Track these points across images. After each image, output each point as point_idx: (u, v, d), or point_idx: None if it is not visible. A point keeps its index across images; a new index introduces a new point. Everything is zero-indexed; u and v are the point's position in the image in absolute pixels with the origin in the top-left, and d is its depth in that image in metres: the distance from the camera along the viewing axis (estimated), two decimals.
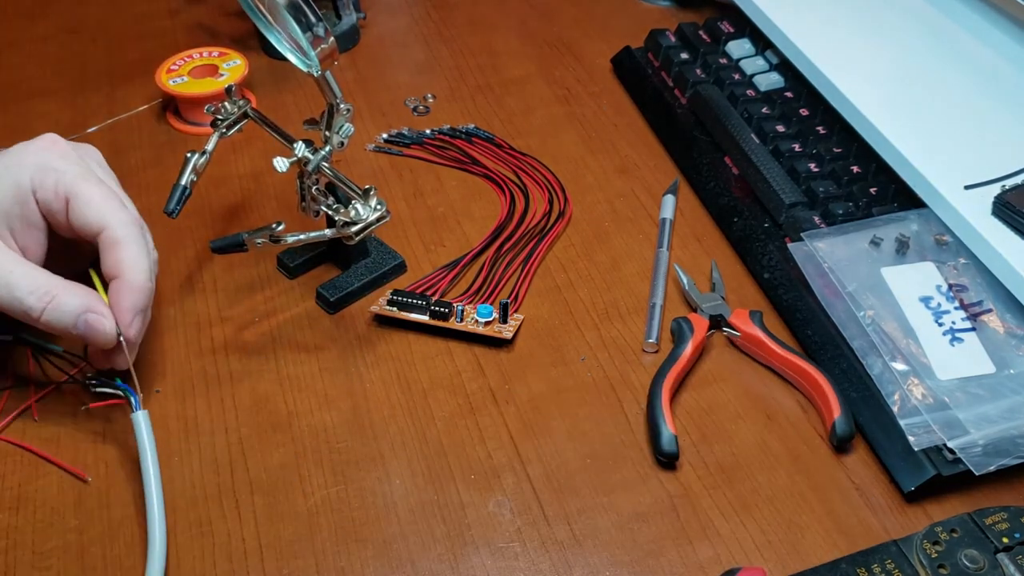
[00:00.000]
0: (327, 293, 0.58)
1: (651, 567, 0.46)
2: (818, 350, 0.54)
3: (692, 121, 0.71)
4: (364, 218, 0.54)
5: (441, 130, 0.73)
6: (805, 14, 0.73)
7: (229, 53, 0.75)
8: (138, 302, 0.50)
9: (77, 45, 0.83)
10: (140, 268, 0.51)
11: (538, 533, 0.47)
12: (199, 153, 0.57)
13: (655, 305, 0.58)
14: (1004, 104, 0.64)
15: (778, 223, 0.62)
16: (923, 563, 0.43)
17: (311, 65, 0.52)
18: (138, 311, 0.51)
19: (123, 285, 0.50)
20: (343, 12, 0.81)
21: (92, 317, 0.49)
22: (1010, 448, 0.47)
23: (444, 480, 0.50)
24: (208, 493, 0.49)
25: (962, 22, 0.71)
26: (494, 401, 0.54)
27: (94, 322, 0.49)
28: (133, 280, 0.50)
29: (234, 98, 0.59)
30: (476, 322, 0.56)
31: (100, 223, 0.50)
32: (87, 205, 0.50)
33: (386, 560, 0.46)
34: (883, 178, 0.62)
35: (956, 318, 0.54)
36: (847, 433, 0.50)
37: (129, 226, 0.51)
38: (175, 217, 0.55)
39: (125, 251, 0.50)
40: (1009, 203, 0.55)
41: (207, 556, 0.47)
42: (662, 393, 0.52)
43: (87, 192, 0.50)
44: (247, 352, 0.56)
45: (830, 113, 0.67)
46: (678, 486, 0.49)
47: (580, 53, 0.81)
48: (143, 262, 0.51)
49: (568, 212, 0.66)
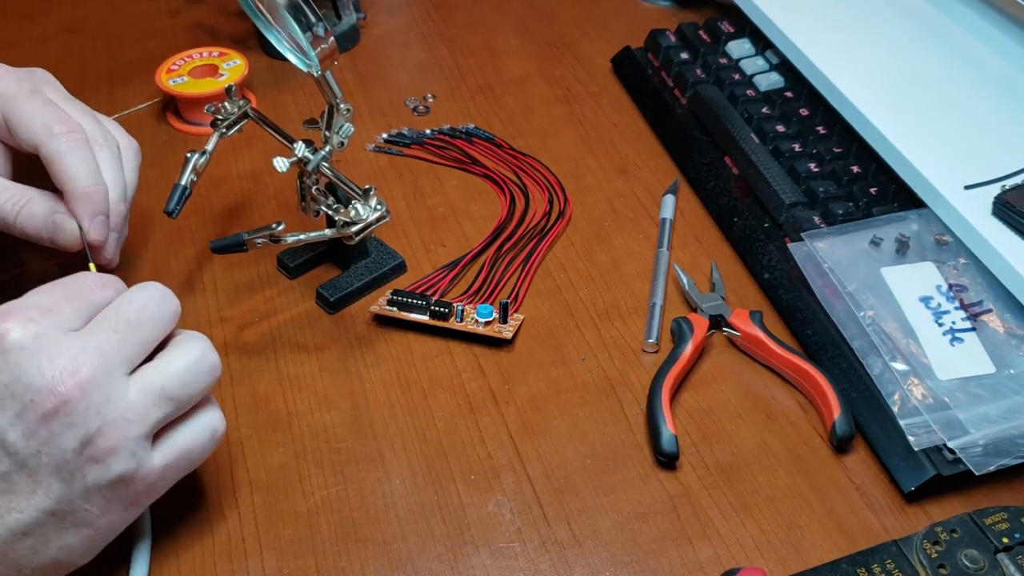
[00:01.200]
0: (327, 293, 0.58)
1: (651, 567, 0.46)
2: (818, 350, 0.54)
3: (692, 121, 0.71)
4: (364, 218, 0.54)
5: (441, 130, 0.73)
6: (805, 14, 0.73)
7: (229, 53, 0.75)
8: (88, 208, 0.51)
9: (77, 45, 0.83)
10: (77, 174, 0.51)
11: (538, 533, 0.47)
12: (199, 153, 0.57)
13: (655, 305, 0.58)
14: (1004, 104, 0.64)
15: (778, 223, 0.62)
16: (923, 563, 0.43)
17: (311, 65, 0.52)
18: (93, 215, 0.51)
19: (69, 196, 0.51)
20: (343, 12, 0.81)
21: (58, 217, 0.51)
22: (1010, 448, 0.47)
23: (444, 480, 0.50)
24: (208, 493, 0.49)
25: (962, 22, 0.71)
26: (494, 401, 0.54)
27: (60, 222, 0.51)
28: (74, 188, 0.51)
29: (234, 98, 0.59)
30: (476, 322, 0.56)
31: (33, 141, 0.51)
32: (19, 125, 0.51)
33: (386, 560, 0.46)
34: (883, 178, 0.62)
35: (956, 318, 0.54)
36: (847, 433, 0.50)
37: (61, 138, 0.51)
38: (175, 217, 0.55)
39: (60, 164, 0.51)
40: (1009, 203, 0.55)
41: (207, 556, 0.47)
42: (662, 393, 0.52)
43: (19, 111, 0.51)
44: (247, 352, 0.56)
45: (830, 113, 0.67)
46: (678, 486, 0.49)
47: (580, 53, 0.81)
48: (80, 167, 0.51)
49: (568, 212, 0.66)
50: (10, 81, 0.53)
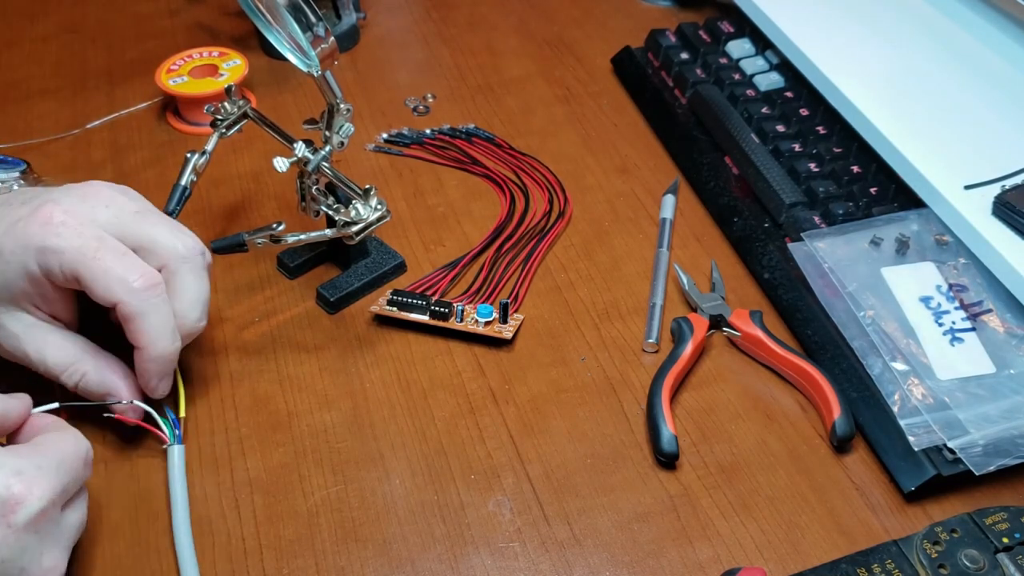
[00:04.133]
0: (327, 293, 0.58)
1: (651, 567, 0.46)
2: (818, 350, 0.54)
3: (692, 121, 0.71)
4: (364, 218, 0.54)
5: (441, 130, 0.73)
6: (805, 14, 0.73)
7: (229, 53, 0.75)
8: (159, 369, 0.49)
9: (77, 45, 0.83)
10: (158, 336, 0.48)
11: (538, 533, 0.47)
12: (199, 153, 0.57)
13: (655, 305, 0.58)
14: (1004, 104, 0.64)
15: (778, 223, 0.62)
16: (923, 563, 0.43)
17: (311, 65, 0.52)
18: (161, 377, 0.50)
19: (142, 355, 0.49)
20: (343, 12, 0.81)
21: (115, 406, 0.50)
22: (1010, 448, 0.47)
23: (444, 480, 0.50)
24: (208, 493, 0.49)
25: (962, 22, 0.71)
26: (494, 401, 0.54)
27: (116, 409, 0.50)
28: (152, 351, 0.48)
29: (234, 98, 0.59)
30: (476, 322, 0.56)
31: (109, 301, 0.47)
32: (93, 283, 0.47)
33: (386, 560, 0.46)
34: (883, 178, 0.62)
35: (956, 318, 0.54)
36: (847, 433, 0.50)
37: (139, 294, 0.47)
38: (176, 217, 0.55)
39: (140, 323, 0.48)
40: (1009, 203, 0.55)
41: (207, 556, 0.47)
42: (662, 393, 0.52)
43: (88, 270, 0.47)
44: (247, 352, 0.56)
45: (830, 113, 0.67)
46: (678, 486, 0.49)
47: (580, 53, 0.81)
48: (161, 329, 0.48)
49: (568, 212, 0.66)
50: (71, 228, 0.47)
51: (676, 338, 0.55)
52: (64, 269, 0.47)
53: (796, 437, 0.52)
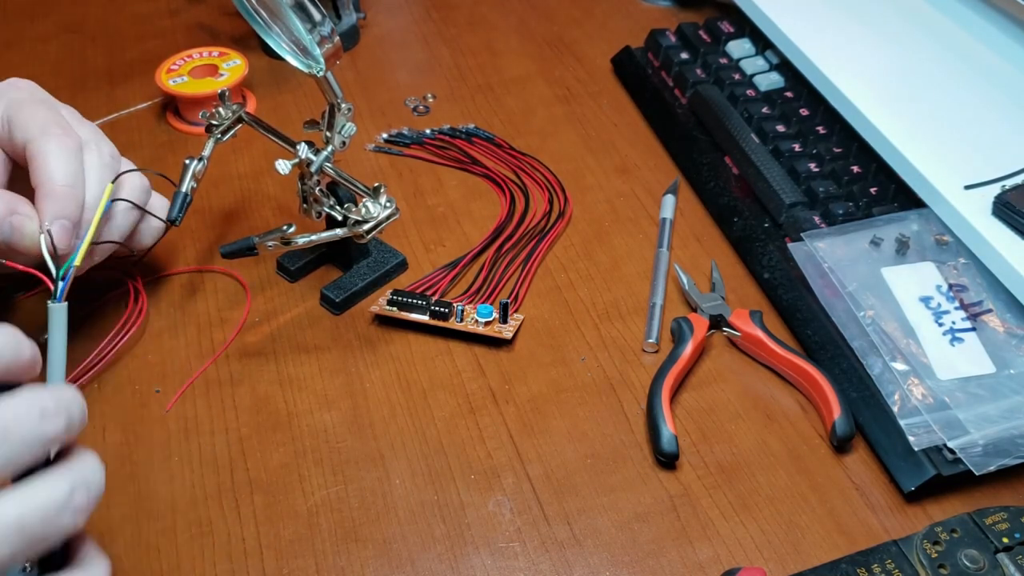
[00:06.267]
0: (332, 294, 0.58)
1: (651, 567, 0.46)
2: (818, 350, 0.54)
3: (692, 121, 0.71)
4: (375, 216, 0.54)
5: (441, 130, 0.73)
6: (805, 14, 0.73)
7: (229, 53, 0.75)
8: (55, 209, 0.48)
9: (77, 45, 0.83)
10: (55, 174, 0.49)
11: (538, 533, 0.47)
12: (196, 159, 0.57)
13: (655, 305, 0.58)
14: (1004, 104, 0.64)
15: (778, 223, 0.62)
16: (923, 563, 0.43)
17: (312, 66, 0.52)
18: (57, 217, 0.48)
19: (39, 194, 0.49)
20: (343, 12, 0.81)
21: (16, 218, 0.48)
22: (1010, 448, 0.47)
23: (444, 480, 0.50)
24: (208, 493, 0.49)
25: (962, 22, 0.71)
26: (494, 401, 0.54)
27: (18, 223, 0.48)
28: (47, 187, 0.48)
29: (228, 102, 0.59)
30: (476, 322, 0.56)
31: (25, 137, 0.50)
32: (17, 124, 0.50)
33: (386, 560, 0.46)
34: (883, 178, 0.62)
35: (956, 318, 0.54)
36: (847, 433, 0.50)
37: (49, 138, 0.49)
38: (178, 224, 0.55)
39: (40, 160, 0.49)
40: (1009, 203, 0.55)
41: (207, 556, 0.47)
42: (662, 393, 0.52)
43: (22, 112, 0.50)
44: (247, 353, 0.56)
45: (830, 113, 0.67)
46: (678, 486, 0.49)
47: (580, 53, 0.81)
48: (60, 170, 0.49)
49: (568, 212, 0.66)
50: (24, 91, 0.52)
51: (676, 338, 0.55)
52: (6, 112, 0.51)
53: (796, 437, 0.52)
